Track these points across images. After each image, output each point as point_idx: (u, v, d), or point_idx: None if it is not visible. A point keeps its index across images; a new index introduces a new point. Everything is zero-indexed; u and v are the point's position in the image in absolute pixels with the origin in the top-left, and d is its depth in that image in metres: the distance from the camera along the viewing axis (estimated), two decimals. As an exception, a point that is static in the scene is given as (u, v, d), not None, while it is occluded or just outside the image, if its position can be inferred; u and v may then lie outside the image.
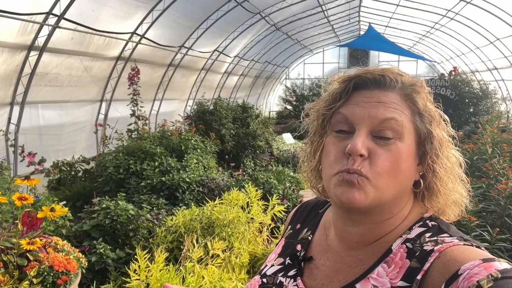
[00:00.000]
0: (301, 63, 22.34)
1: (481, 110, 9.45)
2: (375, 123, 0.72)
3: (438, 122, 0.76)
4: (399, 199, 0.75)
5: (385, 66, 0.78)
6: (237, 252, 2.67)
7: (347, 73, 0.80)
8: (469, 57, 14.52)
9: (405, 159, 0.72)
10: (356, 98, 0.76)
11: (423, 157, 0.75)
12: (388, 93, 0.75)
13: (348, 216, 0.77)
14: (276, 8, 11.27)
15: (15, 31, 5.17)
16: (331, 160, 0.75)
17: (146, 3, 7.20)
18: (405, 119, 0.73)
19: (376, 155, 0.71)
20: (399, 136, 0.72)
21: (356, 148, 0.70)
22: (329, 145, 0.77)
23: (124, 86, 7.02)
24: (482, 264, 0.60)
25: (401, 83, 0.76)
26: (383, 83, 0.75)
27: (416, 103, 0.75)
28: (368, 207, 0.72)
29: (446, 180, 0.75)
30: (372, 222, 0.75)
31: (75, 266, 2.26)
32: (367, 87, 0.76)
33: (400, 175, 0.72)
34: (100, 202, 3.91)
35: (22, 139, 5.82)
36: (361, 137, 0.71)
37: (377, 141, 0.72)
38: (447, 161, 0.75)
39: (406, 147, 0.72)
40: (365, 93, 0.76)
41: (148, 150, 5.69)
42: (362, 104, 0.75)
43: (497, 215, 3.34)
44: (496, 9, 9.74)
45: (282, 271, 0.85)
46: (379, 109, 0.73)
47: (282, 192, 5.32)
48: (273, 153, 10.45)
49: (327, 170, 0.76)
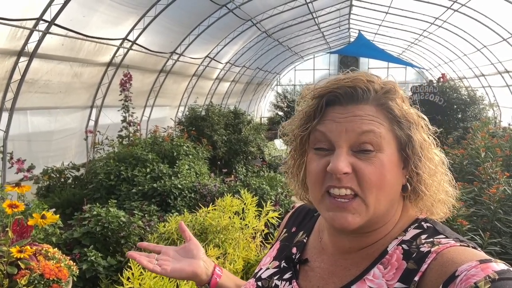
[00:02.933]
0: (292, 69, 22.50)
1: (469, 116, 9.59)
2: (353, 138, 0.71)
3: (417, 125, 0.75)
4: (389, 209, 0.75)
5: (355, 74, 0.76)
6: (231, 259, 2.65)
7: (318, 86, 0.77)
8: (457, 64, 14.77)
9: (390, 169, 0.71)
10: (331, 114, 0.74)
11: (406, 161, 0.74)
12: (362, 106, 0.73)
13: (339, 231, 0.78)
14: (267, 15, 11.35)
15: (5, 37, 5.12)
16: (315, 178, 0.74)
17: (138, 9, 7.19)
18: (383, 129, 0.72)
19: (361, 170, 0.70)
20: (379, 148, 0.71)
21: (338, 168, 0.69)
22: (310, 163, 0.76)
23: (114, 92, 6.98)
24: (479, 265, 0.60)
25: (374, 92, 0.74)
26: (355, 96, 0.73)
27: (392, 111, 0.73)
28: (362, 225, 0.72)
29: (431, 182, 0.75)
30: (364, 232, 0.75)
31: (66, 274, 2.22)
32: (339, 102, 0.74)
33: (387, 186, 0.71)
34: (90, 209, 3.86)
35: (11, 146, 5.73)
36: (342, 155, 0.70)
37: (358, 156, 0.71)
38: (429, 163, 0.75)
39: (387, 157, 0.71)
40: (339, 109, 0.74)
41: (140, 156, 5.64)
42: (338, 119, 0.73)
43: (488, 219, 3.38)
44: (483, 17, 9.94)
45: (278, 274, 0.85)
46: (356, 123, 0.71)
47: (274, 198, 5.32)
48: (265, 159, 10.46)
49: (313, 189, 0.76)
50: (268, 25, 12.34)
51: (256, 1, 9.93)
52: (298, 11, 12.02)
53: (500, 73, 11.79)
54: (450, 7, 10.57)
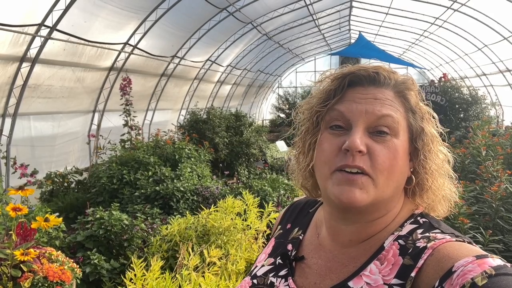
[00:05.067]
0: (293, 71, 22.51)
1: (471, 116, 9.57)
2: (371, 120, 0.72)
3: (428, 119, 0.78)
4: (394, 196, 0.75)
5: (377, 64, 0.80)
6: (233, 259, 2.66)
7: (340, 71, 0.79)
8: (458, 64, 14.75)
9: (401, 155, 0.72)
10: (352, 95, 0.76)
11: (414, 153, 0.76)
12: (383, 90, 0.75)
13: (342, 215, 0.76)
14: (267, 17, 11.38)
15: (7, 43, 5.16)
16: (326, 157, 0.74)
17: (139, 14, 7.24)
18: (400, 116, 0.74)
19: (375, 152, 0.71)
20: (395, 133, 0.72)
21: (355, 144, 0.69)
22: (324, 142, 0.76)
23: (117, 97, 7.01)
24: (475, 261, 0.60)
25: (394, 81, 0.77)
26: (377, 80, 0.76)
27: (409, 100, 0.76)
28: (368, 205, 0.71)
29: (437, 176, 0.76)
30: (366, 220, 0.75)
31: (70, 277, 2.23)
32: (361, 84, 0.76)
33: (397, 171, 0.72)
34: (93, 213, 3.88)
35: (14, 151, 5.77)
36: (359, 133, 0.71)
37: (374, 138, 0.72)
38: (437, 157, 0.76)
39: (401, 143, 0.73)
40: (360, 89, 0.76)
41: (142, 159, 5.66)
42: (358, 100, 0.74)
43: (490, 217, 3.38)
44: (484, 16, 9.93)
45: (273, 271, 0.84)
46: (376, 106, 0.73)
47: (276, 200, 5.33)
48: (267, 161, 10.46)
49: (323, 168, 0.75)
50: (268, 27, 12.38)
51: (256, 4, 9.97)
52: (298, 13, 12.06)
53: (502, 72, 11.77)
54: (450, 7, 10.58)
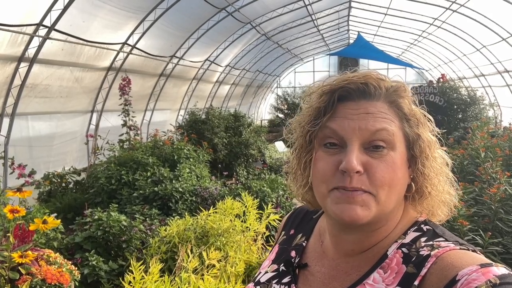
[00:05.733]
0: (292, 71, 22.52)
1: (470, 116, 9.59)
2: (366, 136, 0.70)
3: (423, 124, 0.75)
4: (396, 206, 0.74)
5: (364, 72, 0.76)
6: (232, 261, 2.65)
7: (327, 83, 0.76)
8: (457, 64, 14.78)
9: (400, 167, 0.71)
10: (343, 111, 0.73)
11: (412, 160, 0.74)
12: (374, 103, 0.72)
13: (344, 227, 0.75)
14: (266, 17, 11.37)
15: (5, 43, 5.14)
16: (323, 176, 0.72)
17: (137, 14, 7.22)
18: (395, 127, 0.72)
19: (373, 168, 0.69)
20: (391, 146, 0.70)
21: (352, 166, 0.67)
22: (319, 161, 0.73)
23: (115, 97, 7.00)
24: (480, 270, 0.59)
25: (385, 90, 0.74)
26: (367, 92, 0.73)
27: (402, 109, 0.74)
28: (370, 221, 0.71)
29: (436, 182, 0.75)
30: (368, 230, 0.74)
31: (68, 279, 2.22)
32: (351, 98, 0.73)
33: (398, 184, 0.71)
34: (92, 214, 3.86)
35: (12, 151, 5.74)
36: (354, 152, 0.69)
37: (370, 154, 0.70)
38: (435, 162, 0.75)
39: (399, 155, 0.71)
40: (350, 105, 0.73)
41: (140, 160, 5.65)
42: (350, 116, 0.72)
43: (489, 219, 3.38)
44: (482, 17, 9.95)
45: (276, 278, 0.84)
46: (369, 121, 0.70)
47: (275, 200, 5.32)
48: (265, 161, 10.45)
49: (320, 186, 0.73)
50: (267, 27, 12.38)
51: (255, 4, 9.95)
52: (297, 13, 12.05)
53: (500, 73, 11.79)
54: (449, 8, 10.59)
